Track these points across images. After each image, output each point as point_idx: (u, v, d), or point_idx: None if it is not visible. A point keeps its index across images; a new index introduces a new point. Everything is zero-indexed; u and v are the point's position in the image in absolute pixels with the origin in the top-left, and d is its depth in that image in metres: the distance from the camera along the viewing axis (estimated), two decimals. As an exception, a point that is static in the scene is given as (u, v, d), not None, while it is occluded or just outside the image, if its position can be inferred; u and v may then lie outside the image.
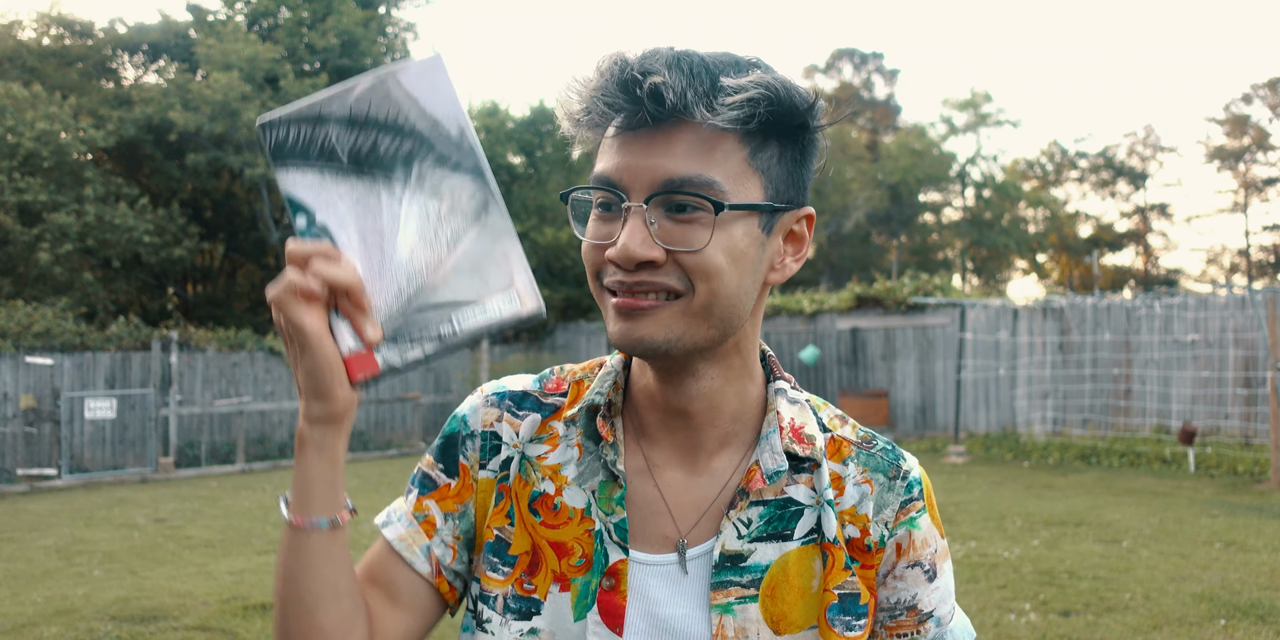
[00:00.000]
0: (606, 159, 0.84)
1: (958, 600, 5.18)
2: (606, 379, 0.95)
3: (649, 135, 0.82)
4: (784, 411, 0.93)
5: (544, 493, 0.92)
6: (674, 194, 0.81)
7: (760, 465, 0.89)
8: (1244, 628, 4.59)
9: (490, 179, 0.77)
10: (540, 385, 0.99)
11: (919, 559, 0.91)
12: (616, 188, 0.82)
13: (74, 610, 5.31)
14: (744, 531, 0.88)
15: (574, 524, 0.90)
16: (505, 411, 0.96)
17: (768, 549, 0.88)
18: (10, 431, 12.31)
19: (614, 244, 0.82)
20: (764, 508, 0.89)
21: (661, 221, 0.82)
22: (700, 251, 0.81)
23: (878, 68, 41.62)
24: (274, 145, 0.77)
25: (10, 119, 18.14)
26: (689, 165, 0.81)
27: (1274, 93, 36.77)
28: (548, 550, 0.90)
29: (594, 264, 0.86)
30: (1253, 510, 7.78)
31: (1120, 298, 13.35)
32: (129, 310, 20.70)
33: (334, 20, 22.08)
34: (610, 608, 0.87)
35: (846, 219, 32.02)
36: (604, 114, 0.82)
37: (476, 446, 0.95)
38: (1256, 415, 11.21)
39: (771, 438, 0.90)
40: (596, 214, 0.86)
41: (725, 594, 0.87)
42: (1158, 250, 41.44)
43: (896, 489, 0.92)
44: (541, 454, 0.94)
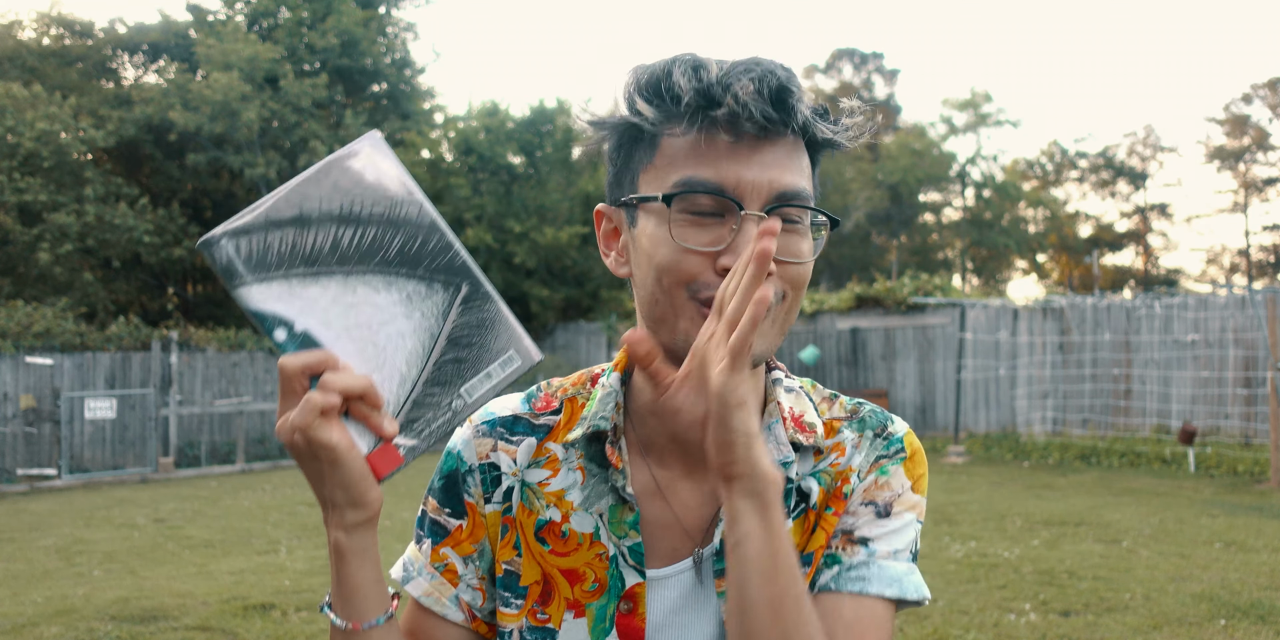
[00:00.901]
0: (710, 165, 0.81)
1: (957, 600, 5.13)
2: (609, 400, 0.92)
3: (756, 145, 0.82)
4: (784, 401, 0.93)
5: (550, 521, 0.90)
6: (788, 207, 0.82)
7: None
8: (1244, 628, 4.59)
9: (460, 247, 0.76)
10: (529, 405, 0.96)
11: (874, 498, 0.91)
12: (730, 195, 0.81)
13: (74, 610, 5.31)
14: None
15: (584, 550, 0.89)
16: (498, 439, 0.94)
17: None
18: (10, 431, 12.31)
19: (726, 252, 0.80)
20: None
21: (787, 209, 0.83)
22: (804, 264, 0.84)
23: (878, 68, 41.63)
24: (224, 264, 0.74)
25: (10, 119, 18.14)
26: (796, 178, 0.83)
27: (1274, 93, 36.77)
28: (559, 578, 0.89)
29: (689, 273, 0.82)
30: (1253, 510, 7.78)
31: (1120, 298, 13.35)
32: (129, 310, 20.71)
33: (334, 20, 22.08)
34: (629, 630, 0.87)
35: (846, 219, 31.99)
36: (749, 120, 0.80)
37: (478, 481, 0.93)
38: (1256, 415, 11.21)
39: (775, 428, 0.90)
40: (690, 219, 0.82)
41: None
42: (1158, 250, 41.46)
43: (877, 444, 0.93)
44: (543, 480, 0.92)
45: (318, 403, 0.71)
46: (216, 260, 0.73)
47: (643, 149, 0.86)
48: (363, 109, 23.70)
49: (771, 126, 0.80)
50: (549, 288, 19.02)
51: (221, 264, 0.74)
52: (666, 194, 0.82)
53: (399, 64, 24.28)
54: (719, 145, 0.81)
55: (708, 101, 0.80)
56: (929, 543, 6.64)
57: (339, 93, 22.87)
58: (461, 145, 20.10)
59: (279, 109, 20.64)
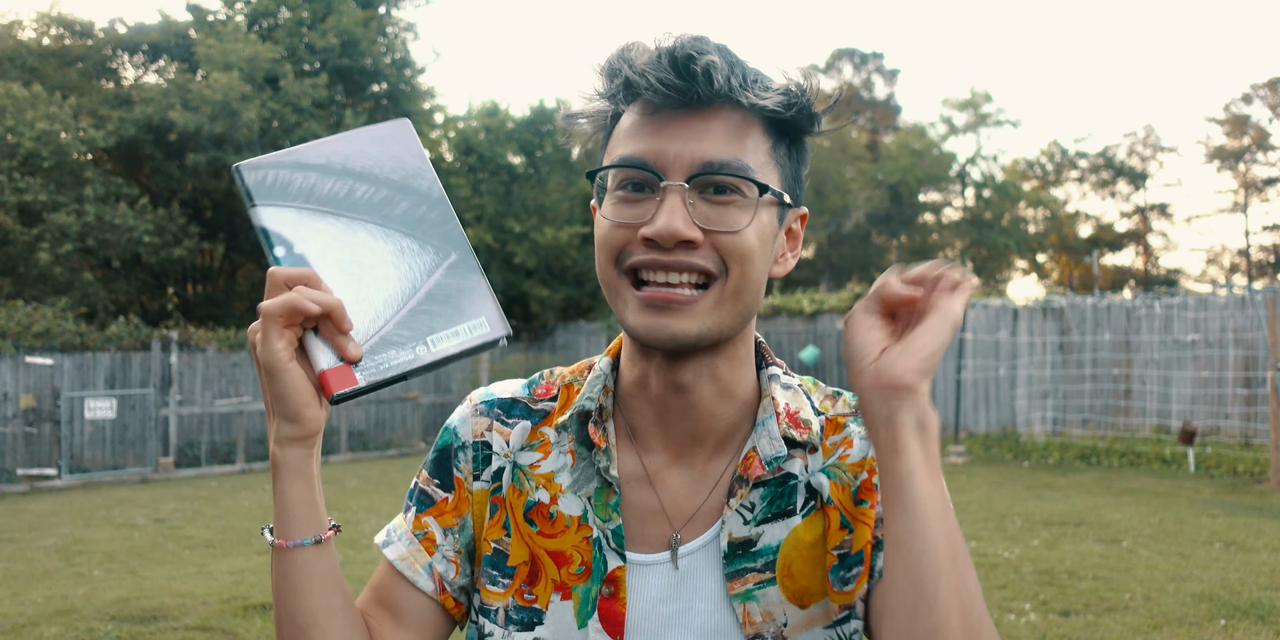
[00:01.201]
0: (637, 140, 0.83)
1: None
2: (596, 383, 0.93)
3: (684, 118, 0.82)
4: (779, 397, 0.92)
5: (539, 502, 0.91)
6: (715, 176, 0.81)
7: (759, 452, 0.88)
8: (1244, 628, 4.58)
9: (458, 223, 0.82)
10: (529, 391, 0.98)
11: None
12: (652, 168, 0.82)
13: (74, 610, 5.31)
14: (749, 516, 0.88)
15: (571, 532, 0.89)
16: (495, 420, 0.95)
17: (775, 529, 0.88)
18: (10, 431, 12.31)
19: (647, 224, 0.81)
20: (764, 488, 0.89)
21: (699, 203, 0.82)
22: (739, 233, 0.82)
23: (878, 68, 41.63)
24: (251, 185, 0.80)
25: (10, 119, 18.14)
26: (727, 149, 0.82)
27: (1274, 93, 36.76)
28: (546, 560, 0.89)
29: (617, 245, 0.84)
30: (1253, 510, 7.78)
31: (1120, 298, 13.35)
32: (129, 310, 20.71)
33: (334, 20, 22.08)
34: (610, 615, 0.86)
35: (846, 219, 32.01)
36: (648, 89, 0.81)
37: (469, 458, 0.94)
38: (1256, 415, 11.21)
39: (769, 424, 0.90)
40: (621, 196, 0.84)
41: (743, 582, 0.86)
42: (1158, 250, 41.44)
43: None
44: (534, 462, 0.92)
45: (278, 306, 0.73)
46: (246, 180, 0.81)
47: (605, 135, 0.89)
48: (363, 109, 23.70)
49: (674, 93, 0.80)
50: (549, 288, 19.02)
51: (250, 184, 0.81)
52: (591, 170, 0.86)
53: (399, 64, 24.28)
54: (648, 122, 0.83)
55: (611, 75, 0.83)
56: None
57: (339, 93, 22.87)
58: (461, 145, 20.10)
59: (279, 109, 20.64)
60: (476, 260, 0.82)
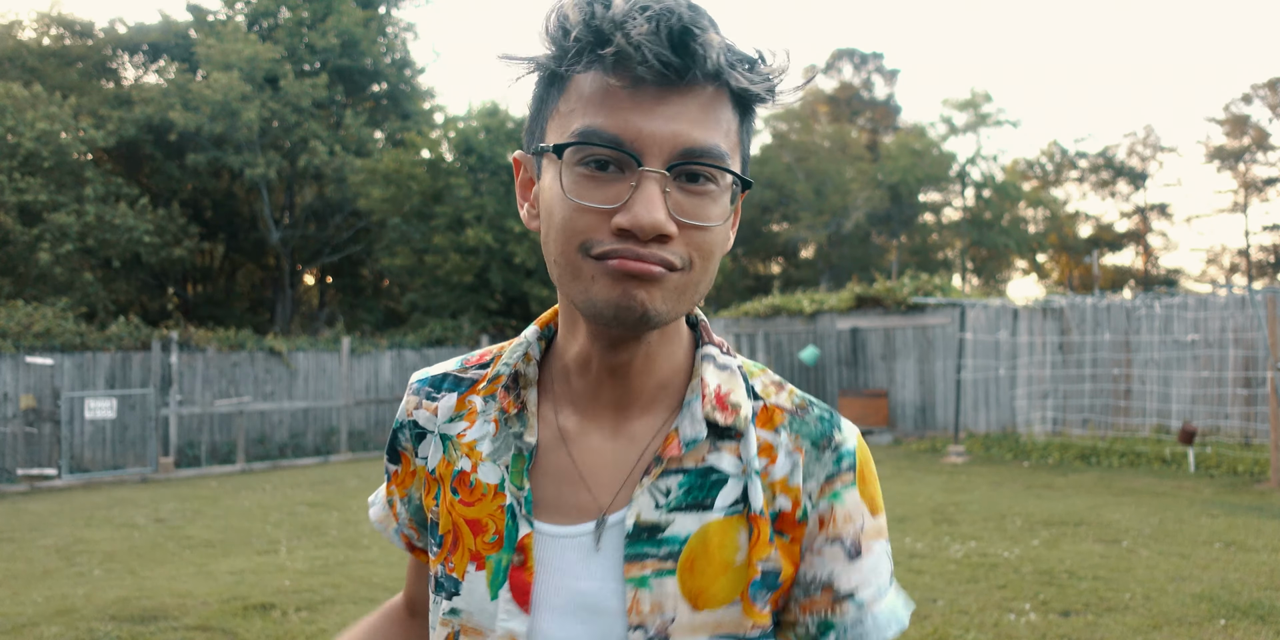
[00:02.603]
0: (610, 113, 0.74)
1: (957, 600, 5.12)
2: (518, 350, 0.91)
3: (662, 94, 0.74)
4: (709, 378, 0.87)
5: (461, 470, 0.89)
6: (694, 164, 0.75)
7: (679, 432, 0.84)
8: (1244, 628, 4.59)
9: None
10: (462, 363, 0.97)
11: (840, 535, 0.86)
12: (628, 150, 0.74)
13: (74, 610, 5.31)
14: (662, 501, 0.82)
15: (488, 500, 0.86)
16: (423, 398, 0.95)
17: (687, 519, 0.82)
18: (10, 431, 12.31)
19: (620, 210, 0.74)
20: (684, 476, 0.83)
21: (674, 192, 0.75)
22: (711, 228, 0.77)
23: (878, 68, 41.62)
24: None
25: (10, 119, 18.14)
26: (707, 134, 0.75)
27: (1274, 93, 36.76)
28: (464, 528, 0.87)
29: (582, 230, 0.76)
30: (1253, 510, 7.78)
31: (1120, 298, 13.35)
32: (129, 310, 20.71)
33: (334, 20, 22.08)
34: (519, 584, 0.83)
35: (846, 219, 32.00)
36: (641, 63, 0.72)
37: (408, 436, 0.95)
38: (1256, 415, 11.21)
39: (693, 404, 0.85)
40: (585, 174, 0.75)
41: (641, 566, 0.81)
42: (1158, 250, 41.45)
43: (825, 460, 0.86)
44: (461, 431, 0.91)
45: None
46: None
47: (553, 92, 0.79)
48: (363, 109, 23.70)
49: (670, 72, 0.73)
50: (549, 287, 19.02)
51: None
52: (559, 144, 0.76)
53: (399, 64, 24.28)
54: (621, 93, 0.74)
55: (597, 39, 0.73)
56: (929, 542, 6.64)
57: (339, 93, 22.88)
58: (461, 145, 20.09)
59: (279, 109, 20.64)
60: None
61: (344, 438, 14.67)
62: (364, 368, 16.18)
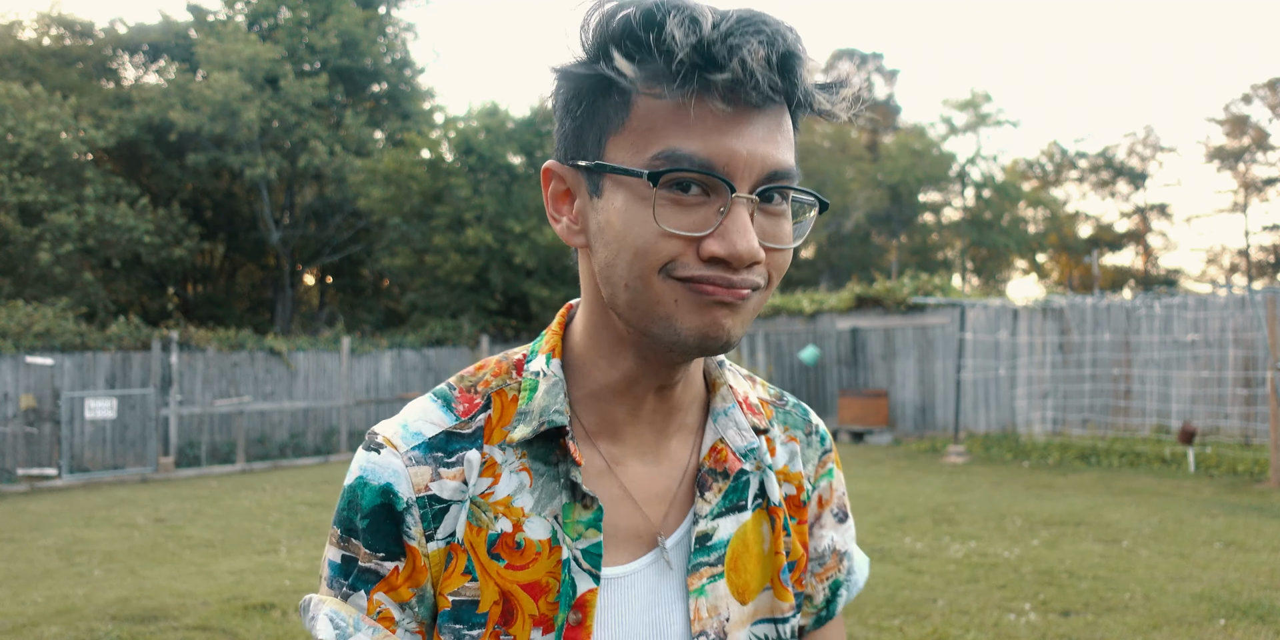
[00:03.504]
0: (705, 137, 0.70)
1: (957, 599, 5.14)
2: (556, 392, 0.82)
3: (748, 117, 0.72)
4: (735, 384, 0.90)
5: (502, 533, 0.79)
6: (778, 187, 0.73)
7: (728, 443, 0.85)
8: (1244, 628, 4.59)
9: None
10: (454, 413, 0.83)
11: (833, 505, 0.96)
12: (721, 175, 0.71)
13: (74, 610, 5.31)
14: (705, 510, 0.84)
15: (544, 558, 0.79)
16: (437, 466, 0.79)
17: (727, 523, 0.85)
18: (10, 431, 12.32)
19: (712, 237, 0.71)
20: (722, 483, 0.87)
21: (757, 215, 0.74)
22: (789, 249, 0.77)
23: (878, 68, 41.63)
24: None
25: (10, 119, 18.15)
26: (785, 154, 0.74)
27: (1274, 93, 36.76)
28: (520, 594, 0.78)
29: (666, 256, 0.72)
30: (1253, 510, 7.78)
31: (1120, 298, 13.35)
32: (129, 310, 20.72)
33: (334, 20, 22.08)
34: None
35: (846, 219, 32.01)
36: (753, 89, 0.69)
37: (418, 518, 0.78)
38: (1256, 415, 11.22)
39: (733, 413, 0.87)
40: (672, 198, 0.71)
41: (698, 576, 0.83)
42: (1158, 250, 41.44)
43: (814, 444, 0.95)
44: (485, 490, 0.79)
45: None
46: None
47: (612, 107, 0.74)
48: (363, 109, 23.70)
49: (775, 97, 0.71)
50: (549, 288, 19.02)
51: None
52: (653, 171, 0.71)
53: (399, 64, 24.29)
54: (709, 114, 0.71)
55: (707, 62, 0.69)
56: (929, 542, 6.64)
57: (339, 93, 22.89)
58: (461, 145, 20.09)
59: (279, 109, 20.64)
60: None
61: (344, 438, 14.67)
62: (364, 368, 16.18)
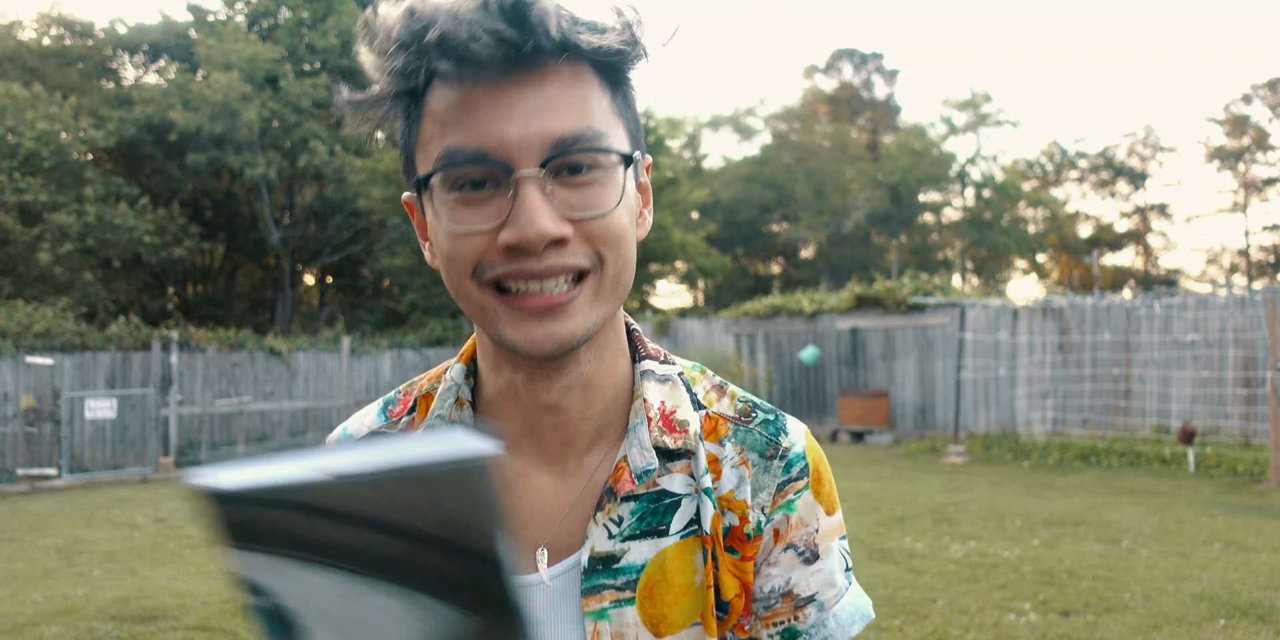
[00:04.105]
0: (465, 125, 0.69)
1: (957, 599, 5.11)
2: (448, 396, 0.82)
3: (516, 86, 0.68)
4: (651, 397, 0.81)
5: None
6: (571, 155, 0.69)
7: (629, 462, 0.78)
8: (1244, 628, 4.59)
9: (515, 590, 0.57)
10: (385, 413, 0.86)
11: (792, 541, 0.81)
12: (495, 159, 0.68)
13: (74, 610, 5.31)
14: (614, 530, 0.78)
15: None
16: None
17: (642, 547, 0.78)
18: (10, 431, 12.32)
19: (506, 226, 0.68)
20: (635, 503, 0.78)
21: (558, 189, 0.69)
22: (609, 214, 0.70)
23: (878, 68, 41.63)
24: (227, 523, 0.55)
25: (10, 119, 18.15)
26: (573, 119, 0.69)
27: (1274, 93, 36.77)
28: None
29: (471, 257, 0.70)
30: (1252, 510, 7.78)
31: (1120, 298, 13.36)
32: (129, 310, 20.72)
33: (334, 20, 22.09)
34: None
35: (846, 219, 32.02)
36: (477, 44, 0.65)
37: None
38: (1256, 415, 11.22)
39: (639, 430, 0.79)
40: (460, 198, 0.70)
41: (599, 599, 0.77)
42: (1158, 250, 41.44)
43: (774, 470, 0.81)
44: None
45: None
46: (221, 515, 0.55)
47: (412, 125, 0.74)
48: (363, 109, 23.67)
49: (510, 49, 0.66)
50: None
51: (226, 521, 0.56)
52: (421, 177, 0.71)
53: (399, 64, 24.30)
54: (475, 100, 0.68)
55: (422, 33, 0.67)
56: (929, 542, 6.64)
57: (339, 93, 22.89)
58: (461, 145, 20.14)
59: (279, 109, 20.65)
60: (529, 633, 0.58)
61: (344, 438, 14.68)
62: (364, 368, 16.19)
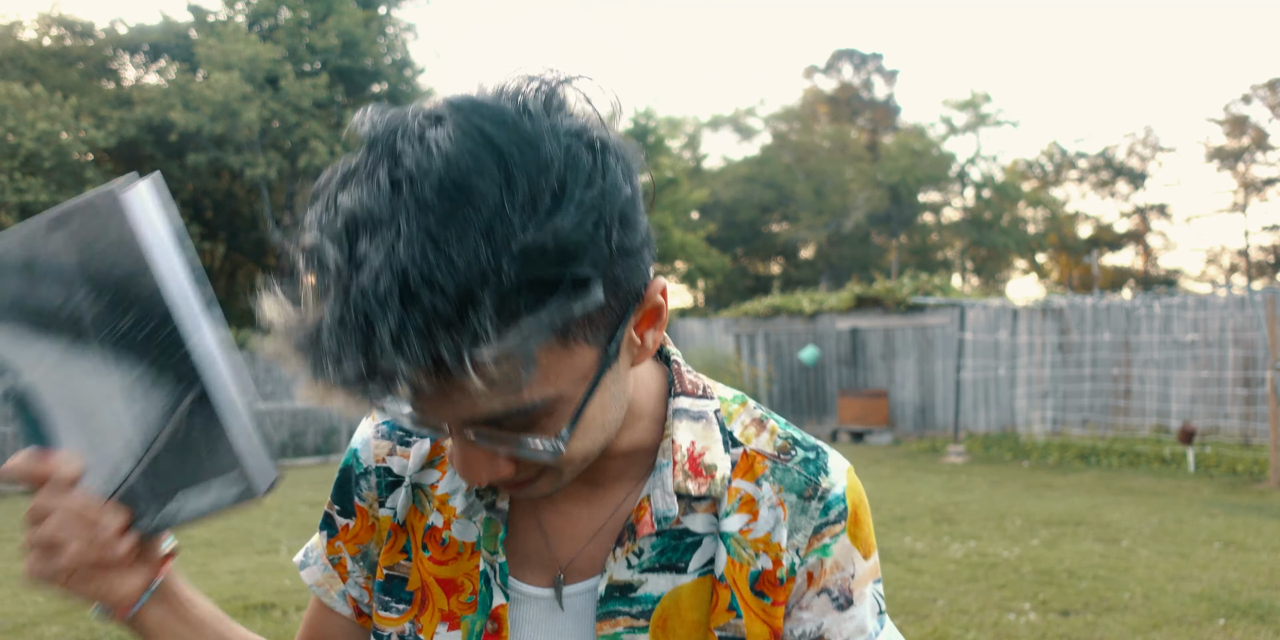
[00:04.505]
0: None
1: (957, 599, 5.13)
2: None
3: None
4: (681, 437, 0.79)
5: (433, 526, 0.84)
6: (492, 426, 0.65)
7: (651, 503, 0.78)
8: (1244, 627, 4.59)
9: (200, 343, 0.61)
10: None
11: (827, 586, 0.80)
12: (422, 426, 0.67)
13: (74, 610, 5.32)
14: (634, 562, 0.79)
15: (464, 559, 0.82)
16: (396, 443, 0.87)
17: (660, 580, 0.79)
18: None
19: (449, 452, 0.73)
20: (657, 538, 0.80)
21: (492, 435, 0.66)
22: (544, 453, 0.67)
23: (877, 68, 41.64)
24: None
25: (11, 119, 18.17)
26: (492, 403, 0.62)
27: (1273, 93, 36.78)
28: (435, 588, 0.83)
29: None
30: (1252, 510, 7.78)
31: (1120, 298, 13.36)
32: (129, 310, 20.74)
33: (334, 20, 22.09)
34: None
35: (846, 219, 32.03)
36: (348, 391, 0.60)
37: (372, 484, 0.87)
38: (1256, 415, 11.22)
39: (664, 472, 0.78)
40: None
41: (613, 624, 0.79)
42: (1157, 250, 41.47)
43: (811, 511, 0.79)
44: (434, 482, 0.85)
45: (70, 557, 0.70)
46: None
47: None
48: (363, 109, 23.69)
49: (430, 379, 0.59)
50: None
51: None
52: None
53: (399, 64, 24.30)
54: None
55: None
56: (929, 542, 6.64)
57: (339, 93, 22.89)
58: (461, 145, 20.14)
59: (279, 109, 20.65)
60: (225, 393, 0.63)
61: (344, 437, 14.68)
62: (364, 368, 16.18)
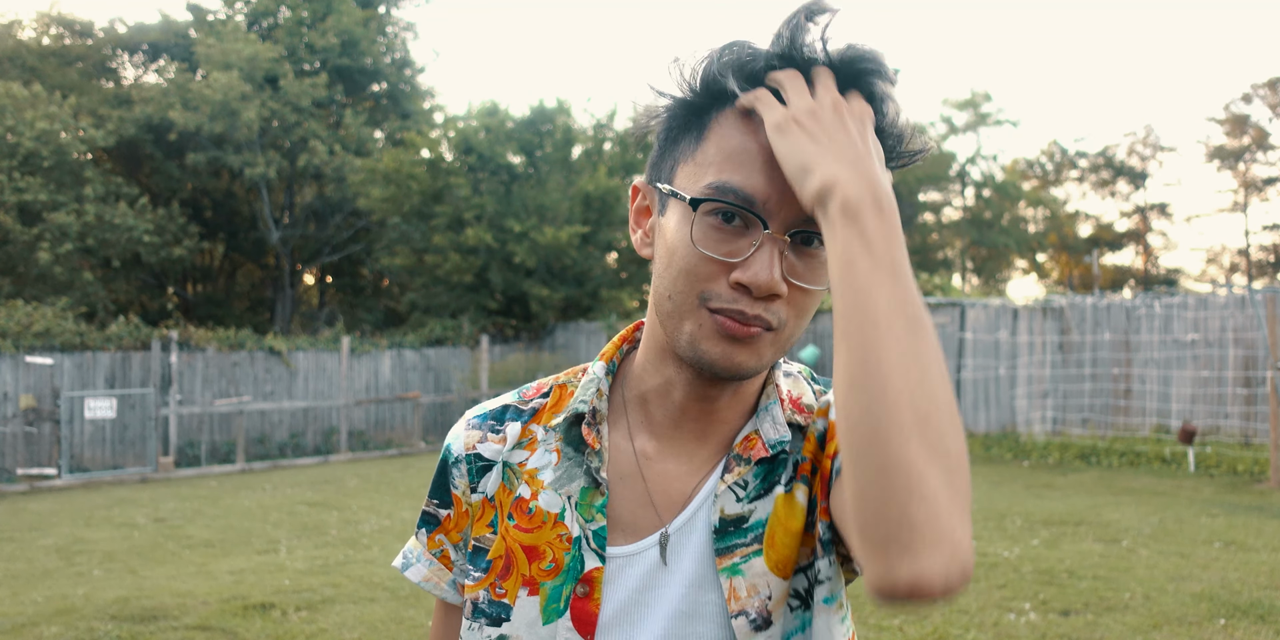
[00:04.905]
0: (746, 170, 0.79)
1: (958, 599, 5.15)
2: (590, 386, 0.93)
3: None
4: (782, 384, 0.93)
5: (520, 497, 0.91)
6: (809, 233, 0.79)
7: (761, 434, 0.88)
8: (1244, 627, 4.59)
9: None
10: (519, 395, 0.99)
11: None
12: (757, 212, 0.78)
13: (74, 610, 5.31)
14: (741, 494, 0.87)
15: (547, 528, 0.89)
16: (487, 431, 0.96)
17: (764, 503, 0.87)
18: (10, 431, 12.31)
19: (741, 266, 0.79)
20: (757, 467, 0.88)
21: (789, 254, 0.80)
22: (814, 292, 0.82)
23: (878, 67, 41.59)
24: None
25: (10, 119, 18.15)
26: None
27: (1274, 93, 36.75)
28: (520, 554, 0.89)
29: (704, 279, 0.80)
30: (1253, 510, 7.78)
31: (1120, 297, 13.35)
32: (129, 310, 20.71)
33: (334, 20, 22.07)
34: (583, 614, 0.86)
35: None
36: None
37: (464, 472, 0.95)
38: (1256, 415, 11.21)
39: (773, 409, 0.90)
40: (714, 224, 0.79)
41: (731, 556, 0.85)
42: (1158, 250, 41.42)
43: None
44: (522, 460, 0.93)
45: None
46: None
47: (690, 137, 0.83)
48: (363, 109, 23.68)
49: None
50: (549, 287, 19.00)
51: None
52: (696, 198, 0.80)
53: (399, 64, 24.28)
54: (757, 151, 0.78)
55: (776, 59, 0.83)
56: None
57: (339, 92, 22.87)
58: (461, 145, 20.08)
59: (279, 109, 20.64)
60: None
61: (344, 437, 14.67)
62: (364, 367, 16.19)
